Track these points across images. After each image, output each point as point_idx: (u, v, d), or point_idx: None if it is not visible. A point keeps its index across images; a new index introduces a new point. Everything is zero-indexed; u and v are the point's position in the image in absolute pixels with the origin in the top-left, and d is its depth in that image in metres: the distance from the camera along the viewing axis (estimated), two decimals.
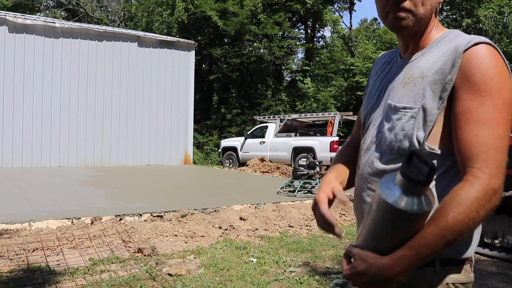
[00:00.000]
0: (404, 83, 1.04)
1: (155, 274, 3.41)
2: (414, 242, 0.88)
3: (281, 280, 3.41)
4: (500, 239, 4.26)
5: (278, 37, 22.18)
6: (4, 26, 11.21)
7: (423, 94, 0.98)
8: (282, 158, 13.05)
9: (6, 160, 11.29)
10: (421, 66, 1.02)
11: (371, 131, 1.11)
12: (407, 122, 0.99)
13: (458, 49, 0.95)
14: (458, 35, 1.01)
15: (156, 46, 13.62)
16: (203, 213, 5.37)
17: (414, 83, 1.01)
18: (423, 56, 1.04)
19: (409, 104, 1.00)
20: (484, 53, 0.93)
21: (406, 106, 1.00)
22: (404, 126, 1.00)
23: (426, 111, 0.97)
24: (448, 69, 0.96)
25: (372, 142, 1.09)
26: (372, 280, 0.91)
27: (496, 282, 3.57)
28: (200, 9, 19.57)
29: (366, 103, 1.19)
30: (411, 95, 1.00)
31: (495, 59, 0.92)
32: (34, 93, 11.64)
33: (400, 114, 1.01)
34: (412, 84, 1.01)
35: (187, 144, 14.24)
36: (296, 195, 7.22)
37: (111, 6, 27.46)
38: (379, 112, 1.10)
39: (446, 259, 0.98)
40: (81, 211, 5.34)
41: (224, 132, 20.56)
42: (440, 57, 0.99)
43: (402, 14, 1.02)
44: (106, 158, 12.72)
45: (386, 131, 1.04)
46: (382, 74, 1.17)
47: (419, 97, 0.98)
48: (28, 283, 3.14)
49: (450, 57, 0.96)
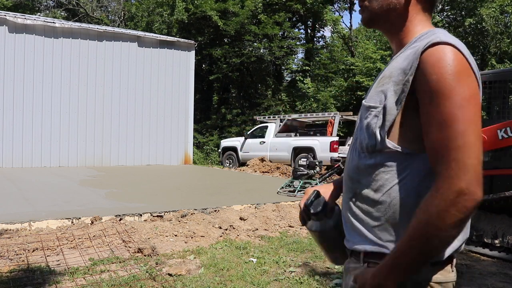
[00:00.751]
0: (378, 82, 1.06)
1: (155, 274, 3.41)
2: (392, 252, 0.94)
3: (281, 280, 3.41)
4: (500, 239, 4.26)
5: (278, 37, 22.17)
6: (4, 26, 11.21)
7: (386, 94, 1.00)
8: (282, 158, 13.04)
9: (6, 160, 11.29)
10: (393, 66, 1.03)
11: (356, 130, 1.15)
12: (372, 121, 1.02)
13: (418, 51, 0.95)
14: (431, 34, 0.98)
15: (156, 46, 13.62)
16: (203, 213, 5.37)
17: (383, 83, 1.03)
18: (398, 56, 1.05)
19: (375, 104, 1.02)
20: (440, 54, 0.91)
21: (371, 105, 1.03)
22: (370, 124, 1.02)
23: (386, 110, 0.99)
24: (407, 70, 0.96)
25: (354, 139, 1.12)
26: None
27: (496, 282, 3.57)
28: (200, 9, 19.56)
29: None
30: (379, 95, 1.02)
31: (451, 58, 0.90)
32: (34, 93, 11.64)
33: (367, 113, 1.04)
34: (381, 84, 1.04)
35: (187, 144, 14.25)
36: (296, 195, 7.22)
37: (111, 6, 27.46)
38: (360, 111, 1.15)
39: None
40: (81, 211, 5.34)
41: (224, 132, 20.56)
42: (406, 57, 0.99)
43: (361, 10, 1.10)
44: (106, 158, 12.72)
45: (359, 129, 1.07)
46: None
47: (383, 97, 1.00)
48: (28, 283, 3.14)
49: (411, 58, 0.96)
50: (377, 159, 1.01)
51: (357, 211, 1.06)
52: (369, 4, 1.07)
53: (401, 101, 0.97)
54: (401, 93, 0.97)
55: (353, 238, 1.08)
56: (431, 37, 0.96)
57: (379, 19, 1.08)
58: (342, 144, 12.56)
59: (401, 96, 0.97)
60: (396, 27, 1.07)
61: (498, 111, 5.12)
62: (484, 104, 5.69)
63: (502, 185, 4.45)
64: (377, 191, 1.02)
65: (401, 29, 1.07)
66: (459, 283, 3.56)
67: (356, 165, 1.07)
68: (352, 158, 1.10)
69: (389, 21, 1.07)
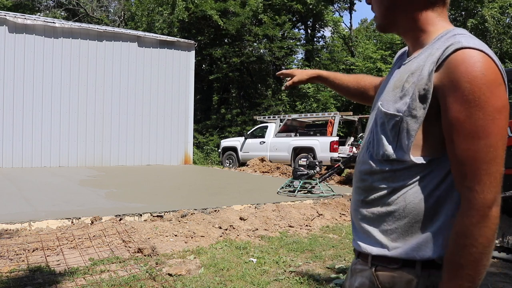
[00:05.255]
0: (394, 86, 1.02)
1: (155, 274, 3.41)
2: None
3: (281, 280, 3.41)
4: (500, 239, 4.26)
5: (279, 38, 22.17)
6: (4, 26, 11.21)
7: (408, 101, 0.94)
8: (282, 158, 13.04)
9: (6, 160, 11.29)
10: (411, 69, 0.98)
11: (368, 129, 1.11)
12: (392, 130, 0.98)
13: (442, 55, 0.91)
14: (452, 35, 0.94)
15: (156, 46, 13.62)
16: (203, 213, 5.37)
17: (401, 88, 0.98)
18: (415, 59, 1.00)
19: (395, 112, 0.97)
20: (471, 60, 0.86)
21: (391, 113, 0.98)
22: (389, 134, 0.98)
23: (409, 120, 0.94)
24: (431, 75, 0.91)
25: (367, 140, 1.09)
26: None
27: (496, 282, 3.57)
28: (201, 8, 19.56)
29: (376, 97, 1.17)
30: (399, 101, 0.97)
31: (484, 67, 0.86)
32: (34, 93, 11.64)
33: (386, 119, 0.99)
34: (399, 89, 0.99)
35: (187, 144, 14.24)
36: (296, 195, 7.22)
37: (112, 6, 27.47)
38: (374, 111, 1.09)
39: (426, 260, 0.96)
40: (81, 211, 5.34)
41: (224, 132, 20.56)
42: (428, 59, 0.94)
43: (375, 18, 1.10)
44: (106, 158, 12.72)
45: (375, 134, 1.04)
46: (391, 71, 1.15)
47: (405, 104, 0.95)
48: (28, 283, 3.14)
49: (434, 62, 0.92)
50: (393, 166, 0.98)
51: (368, 214, 1.04)
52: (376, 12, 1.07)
53: (425, 110, 0.92)
54: (423, 102, 0.92)
55: (362, 240, 1.06)
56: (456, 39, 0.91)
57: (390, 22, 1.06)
58: (342, 144, 12.56)
59: (424, 105, 0.92)
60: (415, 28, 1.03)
61: None
62: None
63: (502, 185, 4.45)
64: (391, 194, 0.99)
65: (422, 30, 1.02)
66: None
67: (370, 169, 1.04)
68: (365, 161, 1.06)
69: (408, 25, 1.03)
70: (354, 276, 1.09)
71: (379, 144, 1.01)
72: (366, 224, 1.05)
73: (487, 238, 0.85)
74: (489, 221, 0.85)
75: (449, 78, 0.88)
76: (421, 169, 0.95)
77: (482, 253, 0.86)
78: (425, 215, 0.94)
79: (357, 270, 1.08)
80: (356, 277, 1.08)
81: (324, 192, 7.43)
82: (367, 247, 1.04)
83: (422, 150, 0.94)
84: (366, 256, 1.05)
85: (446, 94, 0.89)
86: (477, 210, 0.86)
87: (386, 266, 0.99)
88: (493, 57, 0.88)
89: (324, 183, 8.35)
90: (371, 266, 1.03)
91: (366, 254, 1.04)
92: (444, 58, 0.89)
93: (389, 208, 0.99)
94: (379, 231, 1.01)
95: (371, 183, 1.03)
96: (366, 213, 1.04)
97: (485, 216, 0.85)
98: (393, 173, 0.98)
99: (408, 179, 0.96)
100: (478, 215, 0.85)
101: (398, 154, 0.97)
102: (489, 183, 0.86)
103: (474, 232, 0.85)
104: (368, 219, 1.04)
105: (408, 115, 0.94)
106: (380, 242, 1.01)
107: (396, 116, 0.96)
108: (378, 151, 1.01)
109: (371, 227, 1.03)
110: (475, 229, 0.85)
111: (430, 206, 0.94)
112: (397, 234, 0.98)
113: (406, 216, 0.97)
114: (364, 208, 1.05)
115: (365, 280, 1.04)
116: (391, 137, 0.98)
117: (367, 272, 1.03)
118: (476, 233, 0.85)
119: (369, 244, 1.03)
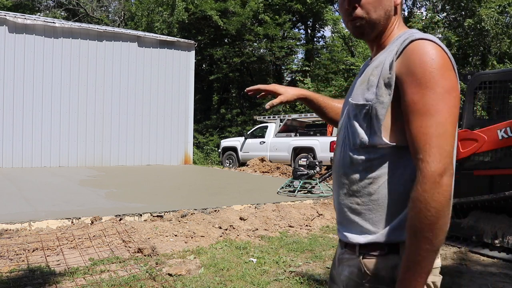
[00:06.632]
0: (361, 82, 1.13)
1: (155, 274, 3.41)
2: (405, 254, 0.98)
3: (281, 280, 3.41)
4: (500, 239, 4.26)
5: (279, 38, 22.17)
6: (4, 26, 11.21)
7: (375, 90, 1.05)
8: (282, 158, 13.04)
9: (6, 160, 11.29)
10: (376, 64, 1.09)
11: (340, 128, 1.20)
12: (363, 118, 1.07)
13: (400, 47, 1.03)
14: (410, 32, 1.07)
15: (156, 46, 13.62)
16: (203, 213, 5.37)
17: (369, 80, 1.09)
18: (377, 57, 1.12)
19: (364, 102, 1.07)
20: (423, 49, 0.98)
21: (360, 103, 1.08)
22: (362, 122, 1.08)
23: (377, 106, 1.04)
24: (392, 65, 1.03)
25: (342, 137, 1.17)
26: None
27: (496, 282, 3.57)
28: (200, 8, 19.55)
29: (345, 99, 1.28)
30: (366, 92, 1.08)
31: (434, 53, 0.98)
32: (34, 93, 11.63)
33: (357, 111, 1.09)
34: (367, 81, 1.09)
35: (187, 144, 14.24)
36: (296, 195, 7.22)
37: (112, 6, 27.46)
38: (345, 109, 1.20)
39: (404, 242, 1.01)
40: (81, 211, 5.34)
41: (224, 132, 20.56)
42: (389, 54, 1.06)
43: (357, 22, 1.13)
44: (106, 158, 12.71)
45: (350, 127, 1.12)
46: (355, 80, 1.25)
47: (372, 94, 1.06)
48: (28, 283, 3.14)
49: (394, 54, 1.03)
50: (371, 154, 1.06)
51: (353, 205, 1.10)
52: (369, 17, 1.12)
53: (390, 95, 1.03)
54: (388, 88, 1.03)
55: (348, 230, 1.12)
56: (410, 34, 1.04)
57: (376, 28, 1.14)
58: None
59: (388, 91, 1.03)
60: (381, 32, 1.15)
61: (498, 111, 5.12)
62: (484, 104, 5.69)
63: (502, 185, 4.45)
64: (372, 184, 1.06)
65: (383, 33, 1.15)
66: (459, 283, 3.56)
67: (350, 161, 1.11)
68: (344, 156, 1.14)
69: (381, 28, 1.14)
70: (342, 266, 1.15)
71: (355, 134, 1.09)
72: (352, 215, 1.11)
73: (439, 203, 0.93)
74: (440, 188, 0.93)
75: (406, 66, 1.00)
76: (395, 158, 1.04)
77: (436, 216, 0.93)
78: (405, 199, 1.01)
79: (345, 260, 1.14)
80: (344, 266, 1.14)
81: (324, 192, 7.43)
82: (354, 236, 1.10)
83: (391, 134, 1.04)
84: (353, 246, 1.10)
85: (403, 80, 1.00)
86: (428, 178, 0.94)
87: (373, 254, 1.06)
88: (443, 47, 1.01)
89: (324, 183, 8.35)
90: (359, 255, 1.09)
91: (353, 244, 1.10)
92: (402, 49, 1.02)
93: (372, 197, 1.07)
94: (365, 220, 1.08)
95: (352, 174, 1.10)
96: (351, 204, 1.11)
97: (436, 183, 0.93)
98: (371, 163, 1.07)
99: (385, 168, 1.05)
100: (429, 182, 0.93)
101: (372, 139, 1.06)
102: (438, 155, 0.95)
103: (426, 197, 0.93)
104: (353, 209, 1.10)
105: (376, 102, 1.05)
106: (366, 230, 1.08)
107: (366, 105, 1.07)
108: (355, 141, 1.09)
109: (357, 217, 1.10)
110: (427, 195, 0.93)
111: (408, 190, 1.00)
112: (382, 221, 1.06)
113: (388, 203, 1.05)
114: (348, 199, 1.12)
115: (354, 269, 1.10)
116: (365, 125, 1.07)
117: (355, 261, 1.09)
118: (428, 198, 0.93)
119: (356, 234, 1.10)
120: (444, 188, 0.94)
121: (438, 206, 0.93)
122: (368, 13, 1.11)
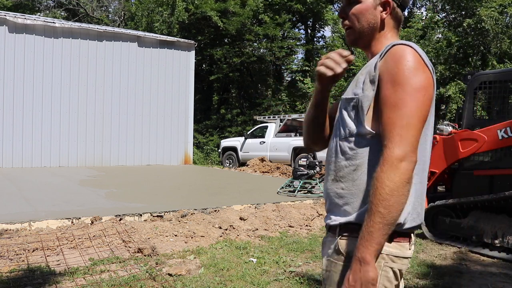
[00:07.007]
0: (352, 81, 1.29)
1: (155, 274, 3.41)
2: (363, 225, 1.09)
3: (281, 280, 3.41)
4: (500, 239, 4.26)
5: (279, 38, 22.16)
6: (4, 26, 11.21)
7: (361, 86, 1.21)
8: (282, 158, 13.04)
9: (6, 160, 11.29)
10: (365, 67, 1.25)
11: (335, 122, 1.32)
12: (350, 110, 1.22)
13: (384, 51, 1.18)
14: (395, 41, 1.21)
15: (156, 46, 13.62)
16: (203, 213, 5.37)
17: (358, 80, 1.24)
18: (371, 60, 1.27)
19: (352, 96, 1.23)
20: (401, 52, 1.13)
21: (349, 97, 1.24)
22: (349, 113, 1.22)
23: (362, 99, 1.19)
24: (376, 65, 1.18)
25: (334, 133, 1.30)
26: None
27: (496, 282, 3.57)
28: (200, 9, 19.55)
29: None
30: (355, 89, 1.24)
31: (410, 56, 1.12)
32: (34, 93, 11.63)
33: (346, 104, 1.24)
34: (356, 80, 1.25)
35: (187, 144, 14.24)
36: (296, 195, 7.22)
37: (112, 6, 27.46)
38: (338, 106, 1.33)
39: None
40: (81, 211, 5.34)
41: (224, 132, 20.54)
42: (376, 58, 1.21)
43: (347, 30, 1.32)
44: (106, 158, 12.71)
45: (340, 120, 1.26)
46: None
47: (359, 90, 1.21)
48: (28, 283, 3.14)
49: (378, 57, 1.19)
50: (357, 143, 1.19)
51: (339, 190, 1.23)
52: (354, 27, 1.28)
53: (373, 91, 1.17)
54: (372, 84, 1.17)
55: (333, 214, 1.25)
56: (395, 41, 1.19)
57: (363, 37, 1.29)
58: None
59: (372, 87, 1.17)
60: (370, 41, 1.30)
61: (498, 111, 5.12)
62: (484, 104, 5.69)
63: (502, 185, 4.45)
64: (356, 170, 1.19)
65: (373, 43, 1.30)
66: (459, 283, 3.56)
67: (339, 149, 1.24)
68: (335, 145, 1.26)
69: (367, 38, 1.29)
70: (325, 248, 1.28)
71: (344, 125, 1.23)
72: (336, 199, 1.23)
73: (394, 182, 1.05)
74: (397, 171, 1.06)
75: (386, 66, 1.15)
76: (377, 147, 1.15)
77: (389, 194, 1.05)
78: None
79: (327, 242, 1.27)
80: (325, 249, 1.27)
81: None
82: (337, 218, 1.22)
83: (373, 124, 1.17)
84: (335, 228, 1.23)
85: (382, 78, 1.15)
86: (387, 161, 1.07)
87: (347, 234, 1.18)
88: (420, 52, 1.14)
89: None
90: (338, 235, 1.21)
91: (335, 226, 1.22)
92: (385, 52, 1.17)
93: (355, 183, 1.19)
94: (347, 204, 1.20)
95: (340, 162, 1.23)
96: (336, 189, 1.23)
97: (394, 166, 1.06)
98: (356, 152, 1.19)
99: (367, 156, 1.18)
100: (388, 164, 1.07)
101: (358, 129, 1.19)
102: (399, 143, 1.07)
103: (383, 177, 1.06)
104: (337, 194, 1.23)
105: (362, 96, 1.19)
106: (347, 213, 1.20)
107: (354, 99, 1.22)
108: (345, 131, 1.23)
109: (341, 200, 1.22)
110: (384, 175, 1.06)
111: None
112: (362, 204, 1.17)
113: (366, 188, 1.17)
114: (334, 185, 1.24)
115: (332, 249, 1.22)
116: (353, 116, 1.21)
117: (334, 242, 1.21)
118: (384, 178, 1.06)
119: (338, 216, 1.22)
120: (402, 171, 1.06)
121: (392, 186, 1.05)
122: (353, 24, 1.28)
